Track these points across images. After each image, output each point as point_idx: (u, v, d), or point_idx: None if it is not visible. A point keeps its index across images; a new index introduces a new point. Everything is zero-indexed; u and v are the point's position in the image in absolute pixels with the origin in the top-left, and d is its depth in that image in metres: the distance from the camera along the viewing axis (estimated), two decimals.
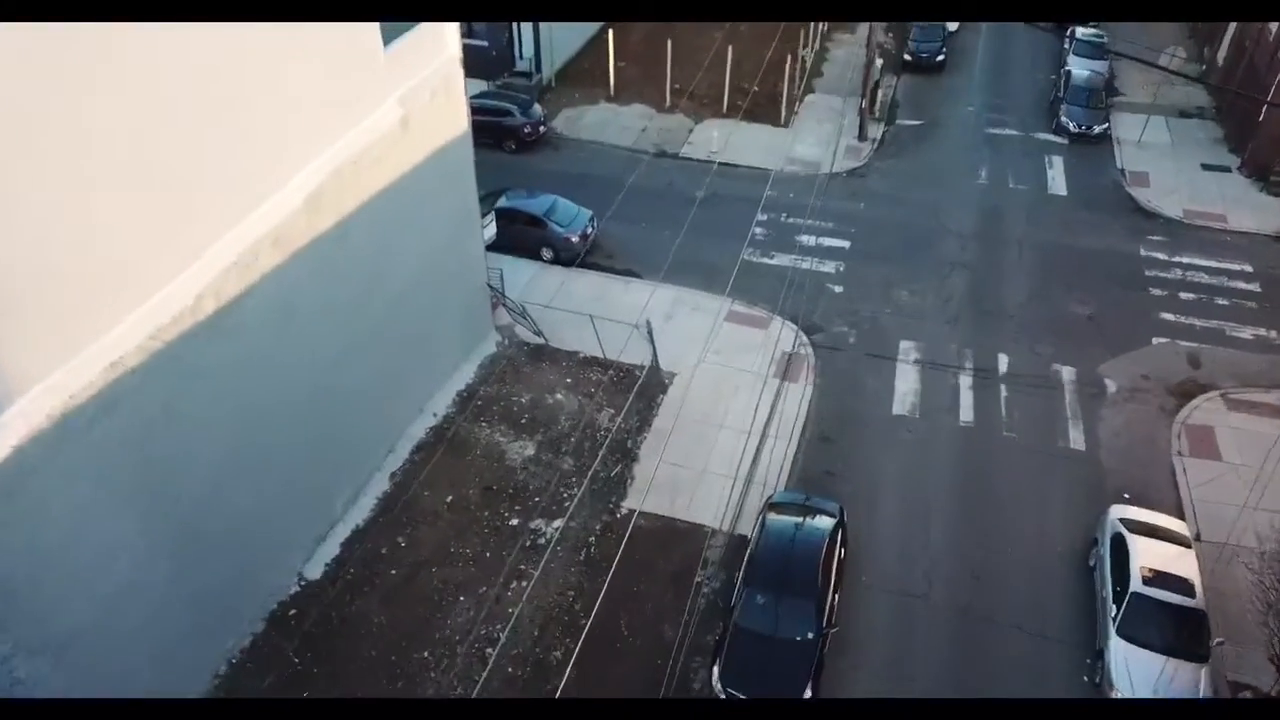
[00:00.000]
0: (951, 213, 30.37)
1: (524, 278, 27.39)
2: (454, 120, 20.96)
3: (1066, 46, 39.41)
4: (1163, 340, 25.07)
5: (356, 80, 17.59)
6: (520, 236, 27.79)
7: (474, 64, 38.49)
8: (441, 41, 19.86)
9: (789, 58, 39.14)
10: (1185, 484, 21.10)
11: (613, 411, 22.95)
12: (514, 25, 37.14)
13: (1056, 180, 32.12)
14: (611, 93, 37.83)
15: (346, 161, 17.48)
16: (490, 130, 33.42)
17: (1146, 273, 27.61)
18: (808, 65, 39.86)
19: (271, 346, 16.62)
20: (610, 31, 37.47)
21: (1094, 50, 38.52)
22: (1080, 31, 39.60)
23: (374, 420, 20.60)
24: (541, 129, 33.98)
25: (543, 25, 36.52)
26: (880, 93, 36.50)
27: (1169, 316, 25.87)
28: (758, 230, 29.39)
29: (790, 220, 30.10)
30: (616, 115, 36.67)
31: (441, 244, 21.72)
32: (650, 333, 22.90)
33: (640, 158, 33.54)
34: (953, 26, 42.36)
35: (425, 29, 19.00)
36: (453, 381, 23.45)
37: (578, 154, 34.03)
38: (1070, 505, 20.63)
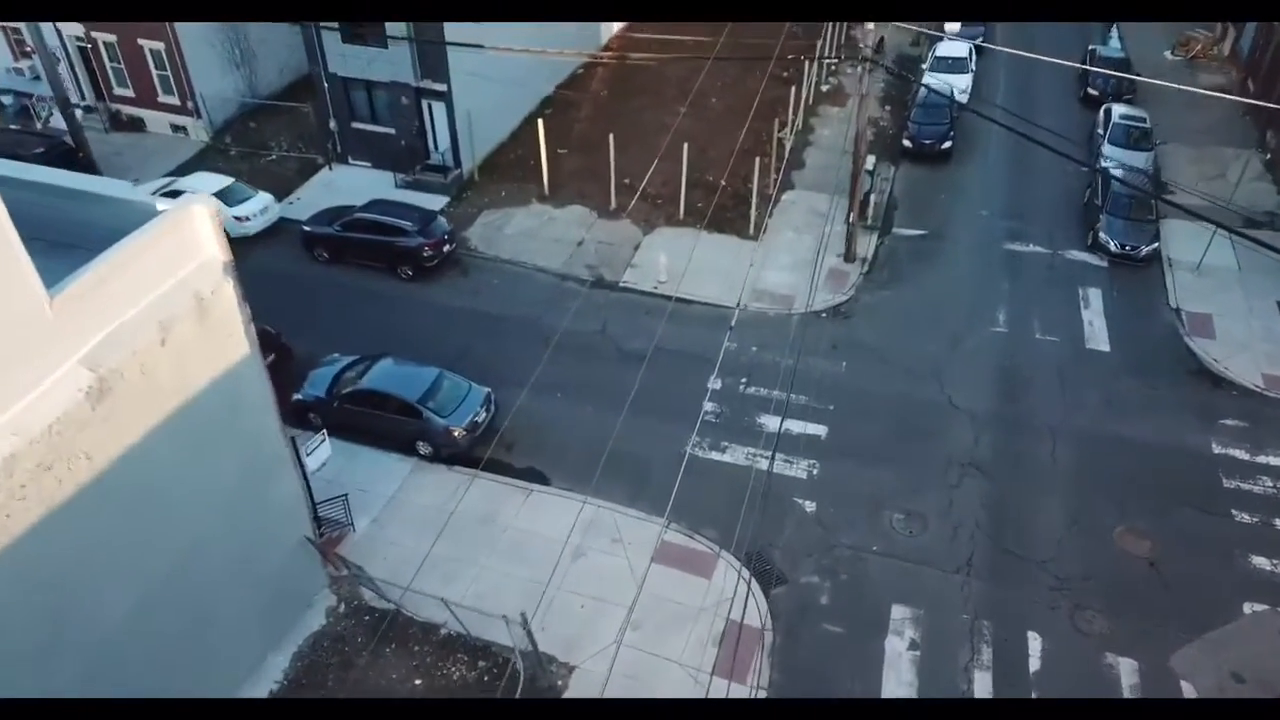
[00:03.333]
0: (961, 379, 23.42)
1: (388, 487, 20.52)
2: (226, 345, 14.09)
3: (1101, 132, 32.40)
4: (1260, 608, 18.06)
5: (16, 340, 10.84)
6: (390, 426, 20.97)
7: (379, 155, 31.89)
8: (184, 250, 13.00)
9: (765, 139, 32.33)
10: None
11: None
12: (425, 108, 30.31)
13: (1095, 326, 25.11)
14: (545, 190, 30.94)
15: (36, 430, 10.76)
16: (379, 252, 26.63)
17: (1225, 482, 20.62)
18: (787, 150, 32.95)
19: None
20: (541, 121, 30.50)
21: (1135, 138, 31.53)
22: (1118, 112, 32.59)
23: None
24: (446, 248, 27.09)
25: (463, 107, 29.67)
26: (873, 197, 29.55)
27: (1264, 564, 18.87)
28: (709, 407, 22.49)
29: (752, 390, 23.18)
30: (549, 222, 29.77)
31: (226, 500, 14.89)
32: (528, 631, 15.82)
33: (571, 288, 26.67)
34: (961, 92, 35.39)
35: (136, 247, 12.14)
36: (254, 682, 16.54)
37: (492, 281, 27.13)
38: None
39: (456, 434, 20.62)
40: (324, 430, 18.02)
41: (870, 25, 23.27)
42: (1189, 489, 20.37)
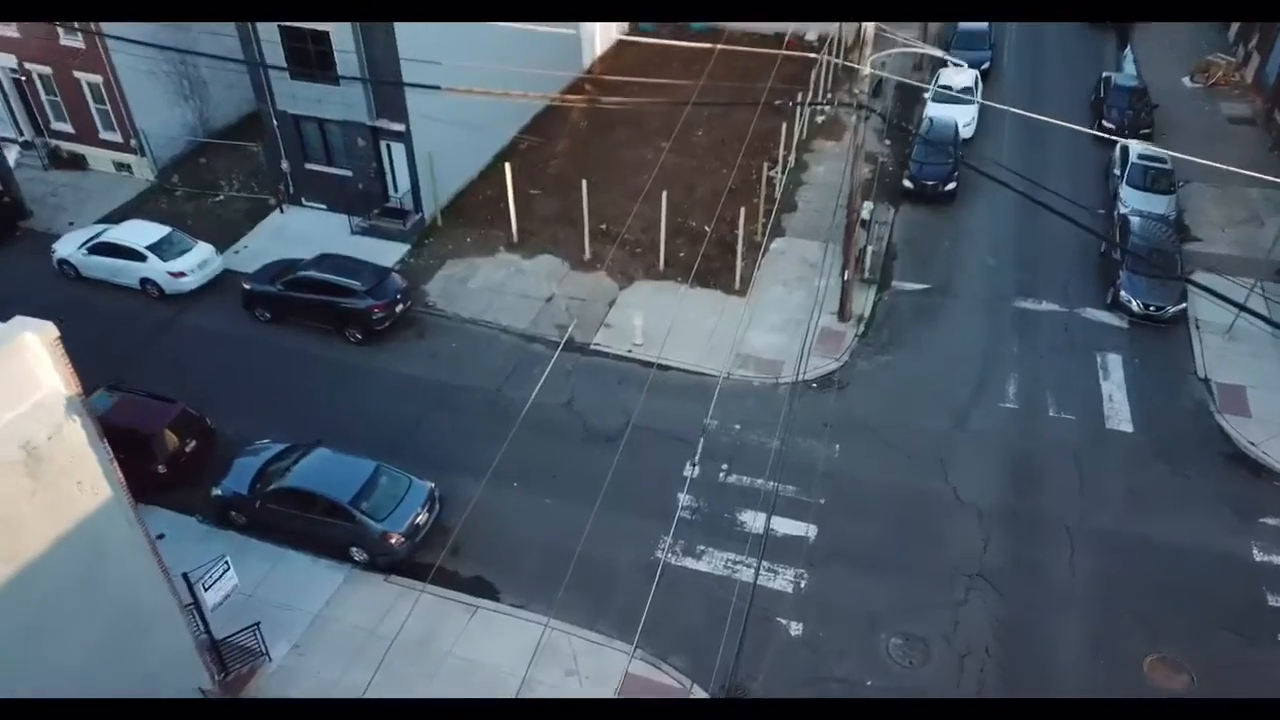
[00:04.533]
0: (968, 466, 20.91)
1: (314, 601, 18.01)
2: (76, 495, 11.58)
3: (1117, 173, 29.87)
4: None
5: None
6: (319, 530, 18.50)
7: (335, 197, 29.42)
8: (11, 389, 10.50)
9: (754, 177, 29.84)
10: None
11: None
12: (383, 149, 27.85)
13: (1116, 402, 22.58)
14: (514, 238, 28.44)
15: None
16: (325, 314, 24.14)
17: (1270, 599, 18.07)
18: (778, 191, 30.46)
19: None
20: (508, 166, 27.98)
21: (1155, 180, 28.98)
22: (1136, 151, 30.04)
23: None
24: (400, 308, 24.59)
25: (425, 147, 27.21)
26: (870, 247, 27.04)
27: None
28: (686, 501, 20.01)
29: (734, 479, 20.68)
30: (516, 274, 27.27)
31: (88, 669, 12.38)
32: None
33: (538, 351, 24.19)
34: (965, 125, 32.89)
35: None
36: None
37: (450, 345, 24.63)
38: None
39: (394, 540, 18.13)
40: (226, 559, 15.46)
41: (866, 71, 20.78)
42: (1228, 607, 17.84)
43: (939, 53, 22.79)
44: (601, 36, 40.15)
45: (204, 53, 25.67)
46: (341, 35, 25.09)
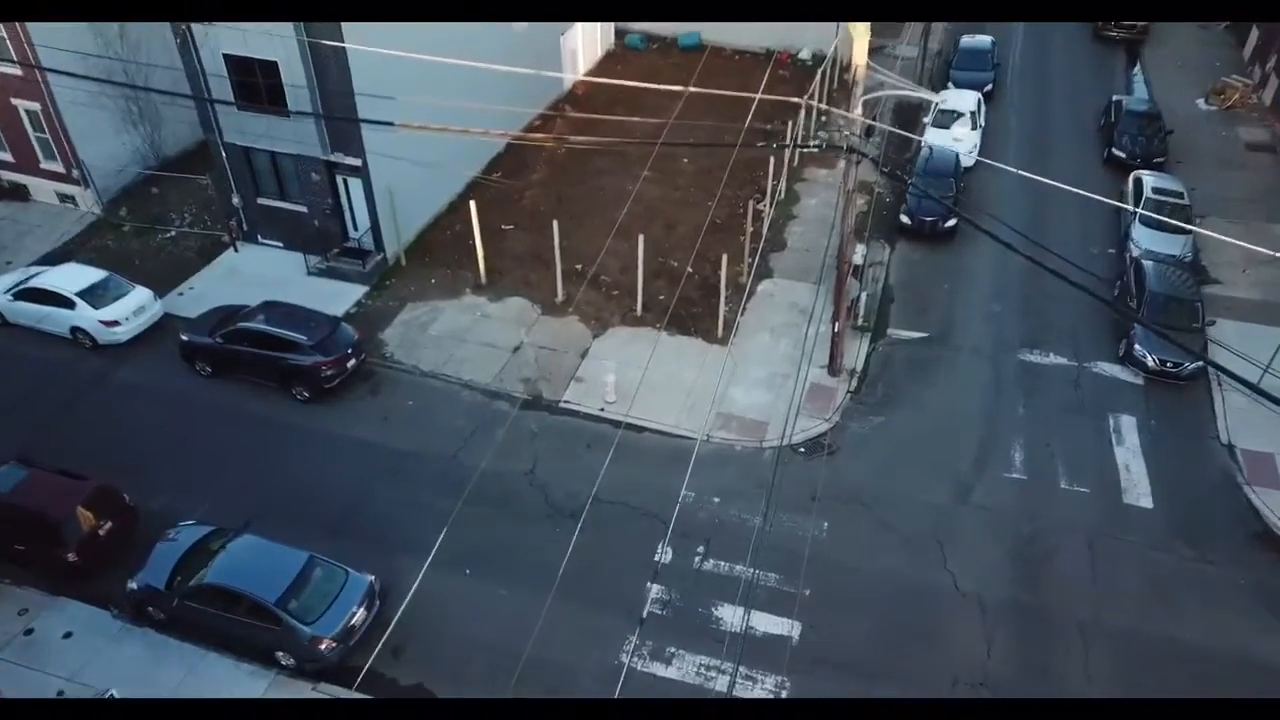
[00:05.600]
0: (969, 549, 18.89)
1: None
2: None
3: (1131, 209, 27.82)
4: None
5: None
6: (243, 632, 16.49)
7: (291, 235, 27.38)
8: None
9: (741, 210, 27.86)
10: None
11: None
12: (340, 184, 25.85)
13: (1133, 472, 20.56)
14: (481, 279, 26.44)
15: None
16: (268, 369, 22.13)
17: None
18: (765, 225, 28.45)
19: None
20: (473, 204, 25.95)
21: (1170, 216, 26.94)
22: (1150, 184, 28.04)
23: None
24: (352, 363, 22.57)
25: (385, 183, 25.21)
26: (864, 294, 25.02)
27: None
28: (656, 592, 18.04)
29: (710, 565, 18.67)
30: (482, 320, 25.27)
31: None
32: None
33: (501, 410, 22.19)
34: (968, 152, 30.88)
35: None
36: None
37: (406, 402, 22.62)
38: None
39: (324, 646, 16.13)
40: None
41: (858, 113, 18.76)
42: None
43: (931, 96, 20.73)
44: (585, 54, 38.18)
45: (140, 86, 23.69)
46: (291, 67, 23.08)
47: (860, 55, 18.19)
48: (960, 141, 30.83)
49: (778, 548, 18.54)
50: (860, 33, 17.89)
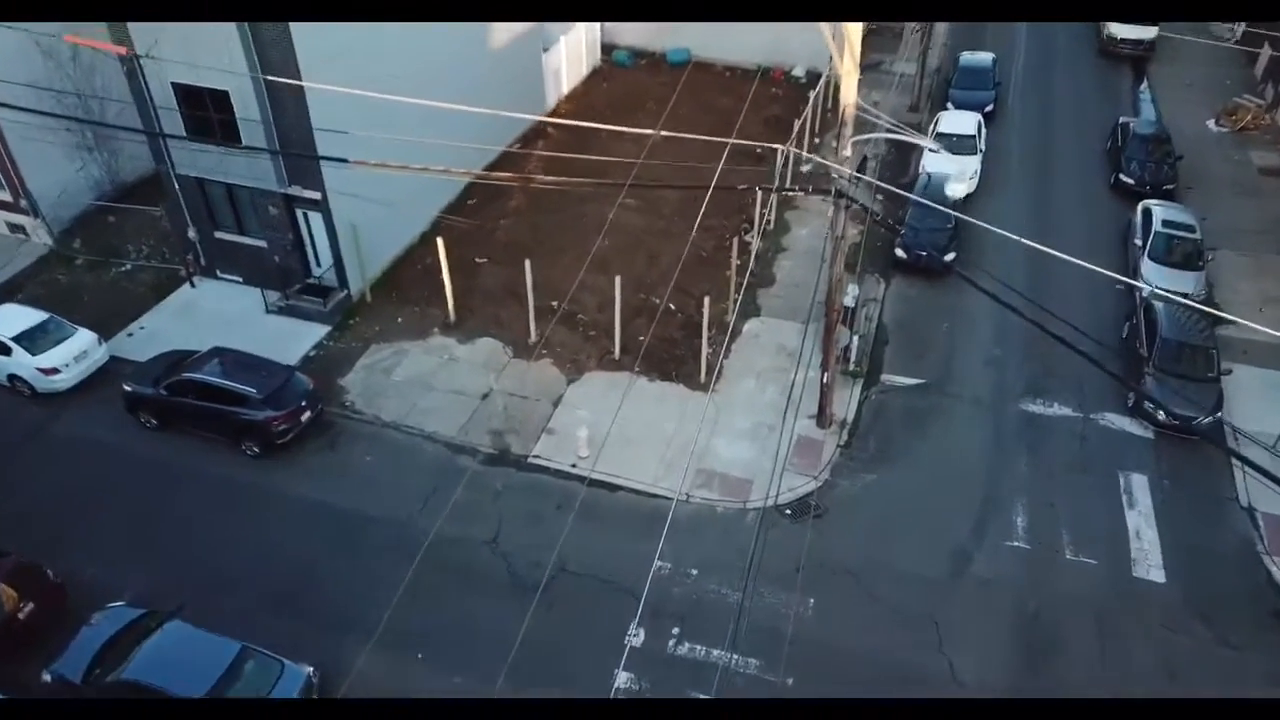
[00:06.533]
0: (967, 629, 17.38)
1: None
2: None
3: (1139, 241, 26.29)
4: None
5: None
6: None
7: (251, 270, 25.84)
8: None
9: (727, 241, 26.38)
10: None
11: None
12: (301, 218, 24.34)
13: (1145, 540, 19.04)
14: (450, 317, 24.94)
15: None
16: (216, 423, 20.62)
17: None
18: (753, 257, 26.90)
19: None
20: (440, 241, 24.43)
21: (1181, 251, 25.46)
22: (1160, 216, 26.50)
23: None
24: (307, 415, 21.05)
25: (348, 217, 23.73)
26: (856, 336, 23.47)
27: None
28: (623, 680, 16.51)
29: (685, 649, 17.16)
30: (449, 364, 23.77)
31: None
32: None
33: (466, 465, 20.70)
34: (969, 179, 29.23)
35: None
36: None
37: (364, 458, 21.10)
38: None
39: None
40: None
41: (848, 151, 17.25)
42: None
43: (922, 141, 19.19)
44: (570, 72, 36.66)
45: (84, 119, 22.19)
46: (243, 98, 21.58)
47: (849, 94, 16.69)
48: (957, 188, 29.18)
49: (759, 628, 17.07)
50: (849, 70, 16.38)
